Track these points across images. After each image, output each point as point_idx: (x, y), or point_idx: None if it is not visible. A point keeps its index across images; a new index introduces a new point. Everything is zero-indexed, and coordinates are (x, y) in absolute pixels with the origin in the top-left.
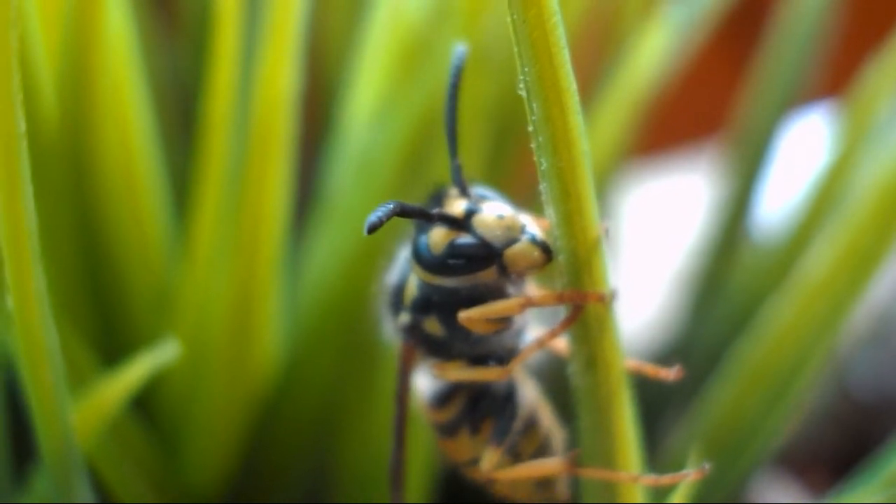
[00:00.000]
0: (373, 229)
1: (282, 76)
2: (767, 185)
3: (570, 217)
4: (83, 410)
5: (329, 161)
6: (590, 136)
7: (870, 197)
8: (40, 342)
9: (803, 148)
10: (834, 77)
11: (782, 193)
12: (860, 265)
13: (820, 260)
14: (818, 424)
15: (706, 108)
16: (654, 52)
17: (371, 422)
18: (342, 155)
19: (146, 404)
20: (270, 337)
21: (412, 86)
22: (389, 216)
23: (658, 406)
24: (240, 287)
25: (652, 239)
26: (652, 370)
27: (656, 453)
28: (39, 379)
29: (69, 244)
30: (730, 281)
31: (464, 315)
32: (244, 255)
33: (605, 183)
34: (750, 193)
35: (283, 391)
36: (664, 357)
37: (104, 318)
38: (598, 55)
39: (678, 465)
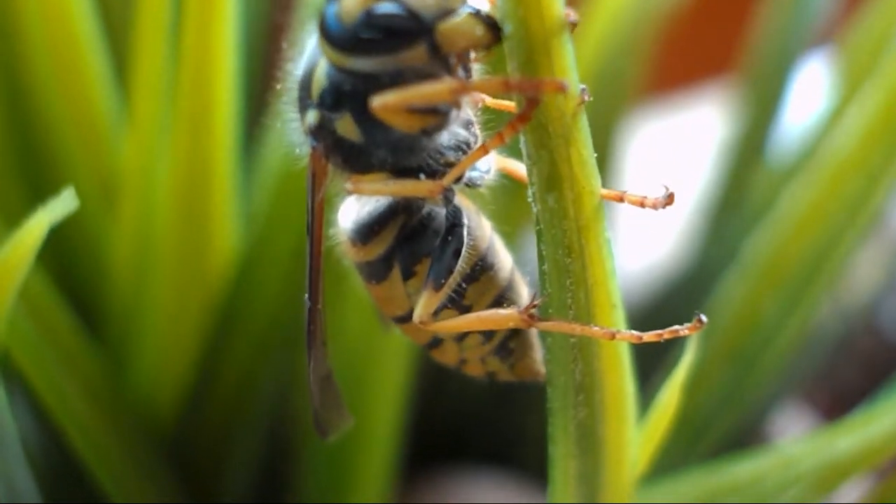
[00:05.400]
0: None
1: None
2: (783, 110)
3: None
4: None
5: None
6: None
7: None
8: None
9: (818, 78)
10: (849, 8)
11: (797, 121)
12: (890, 140)
13: (847, 136)
14: (846, 364)
15: (719, 42)
16: None
17: (336, 324)
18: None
19: (89, 310)
20: (225, 226)
21: None
22: None
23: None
24: (188, 168)
25: (670, 169)
26: (635, 198)
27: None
28: None
29: None
30: (745, 203)
31: (378, 101)
32: (190, 126)
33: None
34: (768, 115)
35: (240, 290)
36: (680, 277)
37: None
38: None
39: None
